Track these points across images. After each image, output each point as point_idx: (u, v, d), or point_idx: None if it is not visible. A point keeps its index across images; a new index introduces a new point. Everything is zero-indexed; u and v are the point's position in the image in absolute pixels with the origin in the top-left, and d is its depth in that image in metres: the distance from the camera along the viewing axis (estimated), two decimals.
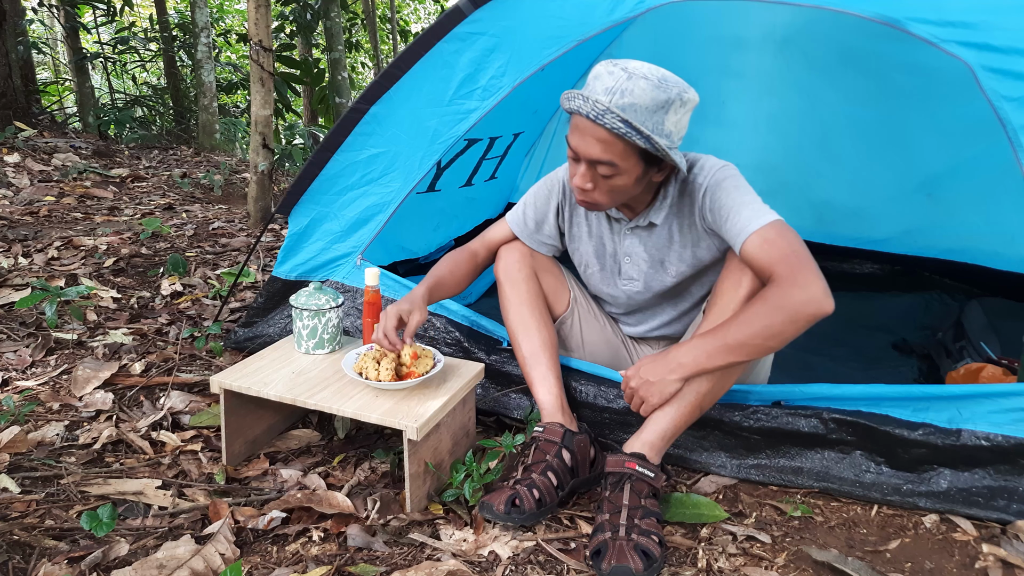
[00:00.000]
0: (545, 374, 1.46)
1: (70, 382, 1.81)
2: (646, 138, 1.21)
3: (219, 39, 8.61)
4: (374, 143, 1.87)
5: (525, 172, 3.34)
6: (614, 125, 1.20)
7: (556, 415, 1.42)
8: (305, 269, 1.99)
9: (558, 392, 1.46)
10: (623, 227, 1.50)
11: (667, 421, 1.31)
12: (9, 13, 5.16)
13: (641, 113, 1.21)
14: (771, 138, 2.82)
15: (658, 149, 1.23)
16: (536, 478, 1.31)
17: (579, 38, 1.63)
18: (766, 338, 1.21)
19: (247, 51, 4.52)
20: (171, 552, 1.16)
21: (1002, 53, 1.30)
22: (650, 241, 1.49)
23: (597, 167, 1.27)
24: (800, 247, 1.23)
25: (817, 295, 1.17)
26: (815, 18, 2.48)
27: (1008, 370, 1.78)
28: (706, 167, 1.37)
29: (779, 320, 1.19)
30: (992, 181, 2.43)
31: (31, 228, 3.15)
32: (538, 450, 1.37)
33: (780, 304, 1.19)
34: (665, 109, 1.22)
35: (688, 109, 1.27)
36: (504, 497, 1.26)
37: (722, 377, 1.31)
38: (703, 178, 1.36)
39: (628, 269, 1.54)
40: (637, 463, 1.27)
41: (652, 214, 1.44)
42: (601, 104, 1.20)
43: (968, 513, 1.34)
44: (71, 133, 5.66)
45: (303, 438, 1.64)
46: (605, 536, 1.20)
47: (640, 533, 1.19)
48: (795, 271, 1.19)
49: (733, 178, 1.34)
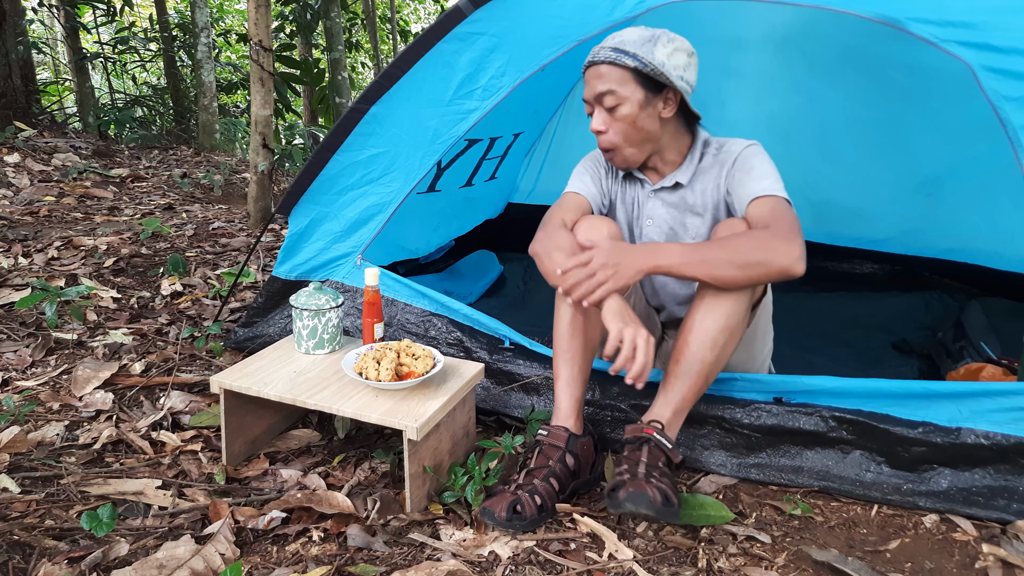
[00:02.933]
0: (575, 377, 1.43)
1: (70, 382, 1.81)
2: (633, 56, 1.36)
3: (219, 39, 8.61)
4: (374, 143, 1.87)
5: (525, 172, 3.35)
6: (606, 56, 1.39)
7: (568, 420, 1.41)
8: (305, 269, 1.99)
9: (579, 397, 1.44)
10: (647, 191, 1.56)
11: (676, 393, 1.33)
12: (9, 13, 5.16)
13: (629, 44, 1.38)
14: (771, 138, 2.79)
15: (647, 65, 1.36)
16: (538, 484, 1.31)
17: (579, 38, 1.63)
18: (736, 266, 1.26)
19: (247, 51, 4.53)
20: (171, 552, 1.16)
21: (1002, 53, 1.30)
22: (672, 202, 1.54)
23: (603, 100, 1.40)
24: (798, 224, 1.31)
25: (795, 253, 1.24)
26: (815, 18, 2.48)
27: (1008, 370, 1.78)
28: (740, 141, 1.49)
29: (753, 256, 1.25)
30: (992, 181, 2.43)
31: (31, 228, 3.15)
32: (541, 454, 1.37)
33: (761, 243, 1.26)
34: (652, 42, 1.38)
35: (678, 49, 1.40)
36: (506, 503, 1.26)
37: (724, 347, 1.32)
38: (737, 147, 1.47)
39: (649, 232, 1.57)
40: (655, 430, 1.29)
41: (679, 174, 1.51)
42: (595, 49, 1.42)
43: (968, 513, 1.34)
44: (71, 133, 5.66)
45: (303, 438, 1.64)
46: (624, 476, 1.22)
47: (659, 478, 1.21)
48: (787, 231, 1.27)
49: (762, 153, 1.45)
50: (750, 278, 1.27)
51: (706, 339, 1.30)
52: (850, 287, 2.79)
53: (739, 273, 1.26)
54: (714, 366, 1.33)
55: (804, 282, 3.07)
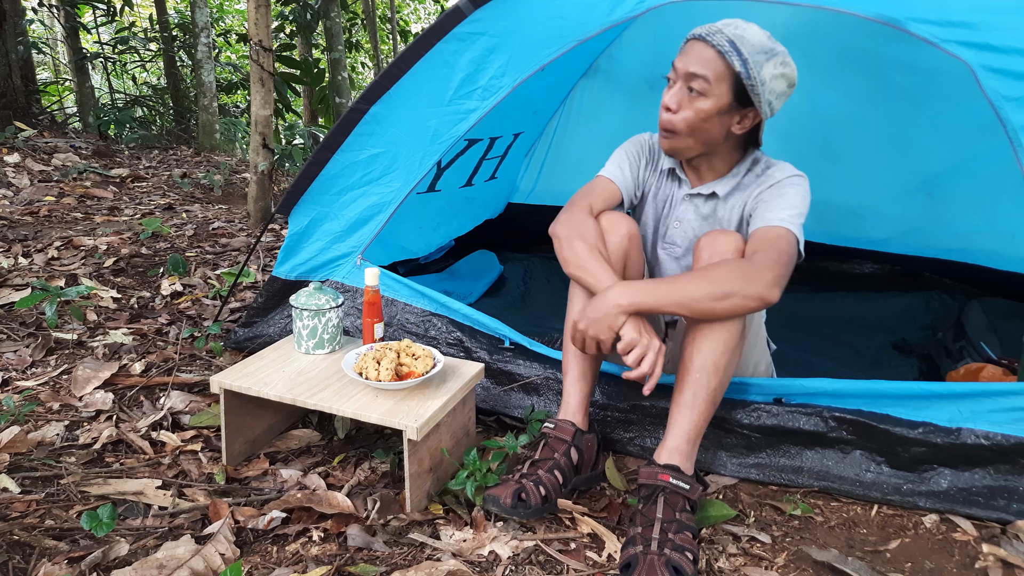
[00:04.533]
0: (586, 372, 1.42)
1: (70, 382, 1.81)
2: (744, 61, 1.29)
3: (219, 39, 8.60)
4: (374, 143, 1.87)
5: (525, 172, 3.34)
6: (720, 42, 1.30)
7: (576, 415, 1.40)
8: (305, 269, 1.99)
9: (588, 393, 1.43)
10: (683, 192, 1.54)
11: (686, 423, 1.28)
12: (9, 13, 5.16)
13: (747, 45, 1.30)
14: (771, 138, 2.80)
15: (750, 76, 1.30)
16: (543, 475, 1.30)
17: (579, 38, 1.63)
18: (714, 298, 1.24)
19: (247, 51, 4.53)
20: (171, 552, 1.16)
21: (1002, 53, 1.30)
22: (704, 212, 1.52)
23: (691, 81, 1.33)
24: (787, 256, 1.29)
25: (767, 280, 1.23)
26: (815, 18, 2.48)
27: (1008, 370, 1.78)
28: (786, 169, 1.45)
29: (729, 287, 1.23)
30: (992, 181, 2.43)
31: (31, 228, 3.15)
32: (547, 447, 1.36)
33: (736, 273, 1.25)
34: (768, 56, 1.31)
35: (785, 76, 1.35)
36: (510, 491, 1.25)
37: (726, 368, 1.30)
38: (780, 174, 1.43)
39: (674, 234, 1.56)
40: (671, 475, 1.23)
41: (718, 184, 1.48)
42: (716, 27, 1.32)
43: (968, 513, 1.34)
44: (71, 133, 5.67)
45: (303, 438, 1.64)
46: (636, 550, 1.15)
47: (673, 548, 1.14)
48: (769, 261, 1.26)
49: (802, 187, 1.41)
50: (728, 310, 1.24)
51: (707, 365, 1.28)
52: (850, 287, 2.79)
53: (717, 305, 1.24)
54: (719, 390, 1.31)
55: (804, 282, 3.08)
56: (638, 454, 1.57)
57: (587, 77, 3.07)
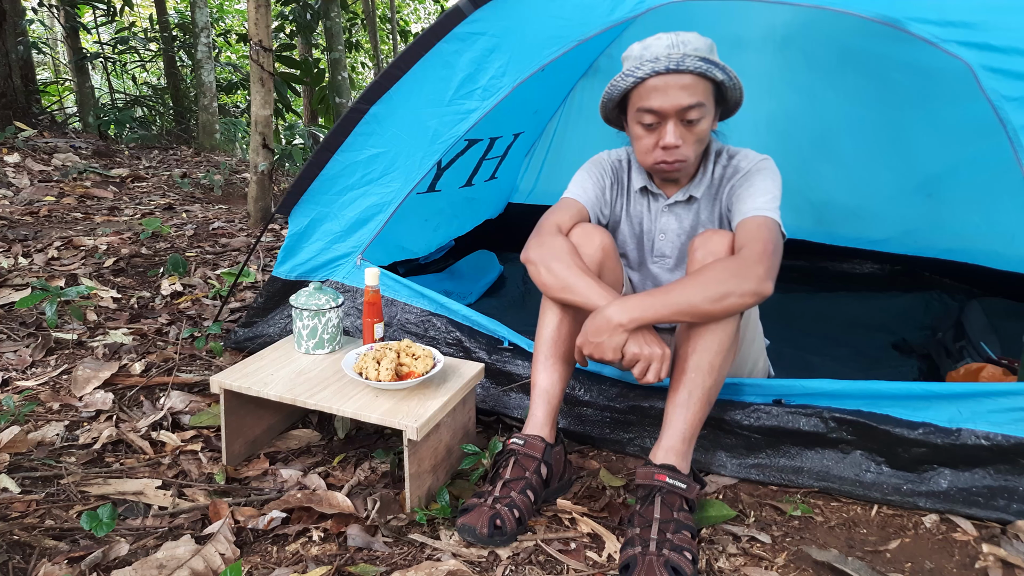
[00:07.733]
0: (555, 384, 1.40)
1: (70, 382, 1.81)
2: (722, 69, 1.32)
3: (219, 39, 8.61)
4: (374, 143, 1.87)
5: (525, 172, 3.35)
6: (696, 65, 1.30)
7: (544, 429, 1.37)
8: (305, 269, 1.99)
9: (556, 405, 1.40)
10: (660, 205, 1.54)
11: (681, 422, 1.27)
12: (9, 13, 5.16)
13: (709, 53, 1.33)
14: (771, 138, 2.82)
15: (732, 79, 1.34)
16: (516, 497, 1.28)
17: (579, 38, 1.63)
18: (711, 301, 1.23)
19: (247, 51, 4.53)
20: (171, 552, 1.16)
21: (1002, 53, 1.30)
22: (686, 216, 1.53)
23: (687, 114, 1.34)
24: (773, 245, 1.29)
25: (759, 274, 1.23)
26: (815, 18, 2.48)
27: (1008, 370, 1.78)
28: (750, 155, 1.47)
29: (724, 287, 1.23)
30: (992, 181, 2.43)
31: (31, 228, 3.15)
32: (517, 464, 1.33)
33: (729, 272, 1.24)
34: (712, 51, 1.35)
35: None
36: (486, 519, 1.23)
37: (721, 367, 1.30)
38: (746, 163, 1.45)
39: (661, 246, 1.56)
40: (667, 475, 1.22)
41: (694, 187, 1.50)
42: (672, 55, 1.31)
43: (968, 513, 1.34)
44: (71, 133, 5.67)
45: (303, 438, 1.64)
46: (635, 551, 1.15)
47: (672, 548, 1.14)
48: (757, 253, 1.26)
49: (770, 170, 1.43)
50: (726, 309, 1.24)
51: (703, 364, 1.27)
52: (850, 287, 2.79)
53: (715, 307, 1.23)
54: (714, 389, 1.31)
55: (804, 282, 3.06)
56: (637, 454, 1.57)
57: (587, 77, 3.07)
